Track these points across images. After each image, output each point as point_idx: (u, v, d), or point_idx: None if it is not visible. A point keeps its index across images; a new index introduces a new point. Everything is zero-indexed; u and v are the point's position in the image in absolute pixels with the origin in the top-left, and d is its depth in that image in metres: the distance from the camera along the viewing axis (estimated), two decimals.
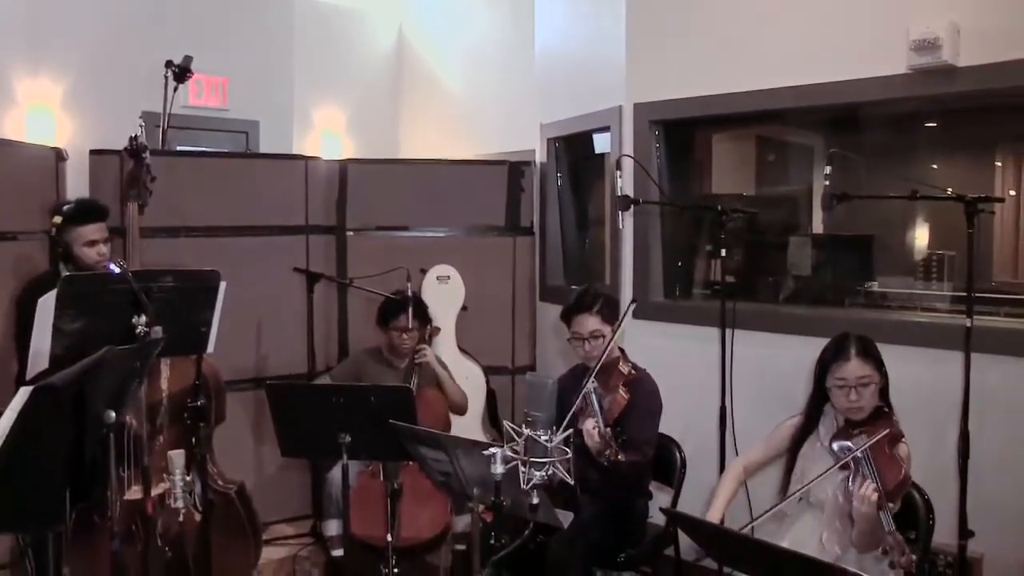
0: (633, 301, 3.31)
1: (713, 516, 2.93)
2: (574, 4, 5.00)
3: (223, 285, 3.14)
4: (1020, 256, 5.94)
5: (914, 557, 2.45)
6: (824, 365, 2.84)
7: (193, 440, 3.27)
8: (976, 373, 3.01)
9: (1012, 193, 6.09)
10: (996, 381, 3.19)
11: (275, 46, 6.27)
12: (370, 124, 7.00)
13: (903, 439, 2.73)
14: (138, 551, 3.20)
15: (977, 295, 3.54)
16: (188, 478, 3.09)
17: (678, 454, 3.53)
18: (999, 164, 6.07)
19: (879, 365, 2.80)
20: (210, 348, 3.19)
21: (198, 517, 3.32)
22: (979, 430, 3.03)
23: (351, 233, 5.02)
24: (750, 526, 2.80)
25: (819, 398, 2.90)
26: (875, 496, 2.47)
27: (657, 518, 3.45)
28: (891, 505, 2.55)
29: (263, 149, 6.06)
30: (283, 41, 6.32)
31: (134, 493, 3.20)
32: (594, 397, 3.04)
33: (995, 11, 3.29)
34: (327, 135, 6.73)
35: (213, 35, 5.82)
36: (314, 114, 6.70)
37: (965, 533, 3.01)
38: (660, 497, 3.62)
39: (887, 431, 2.65)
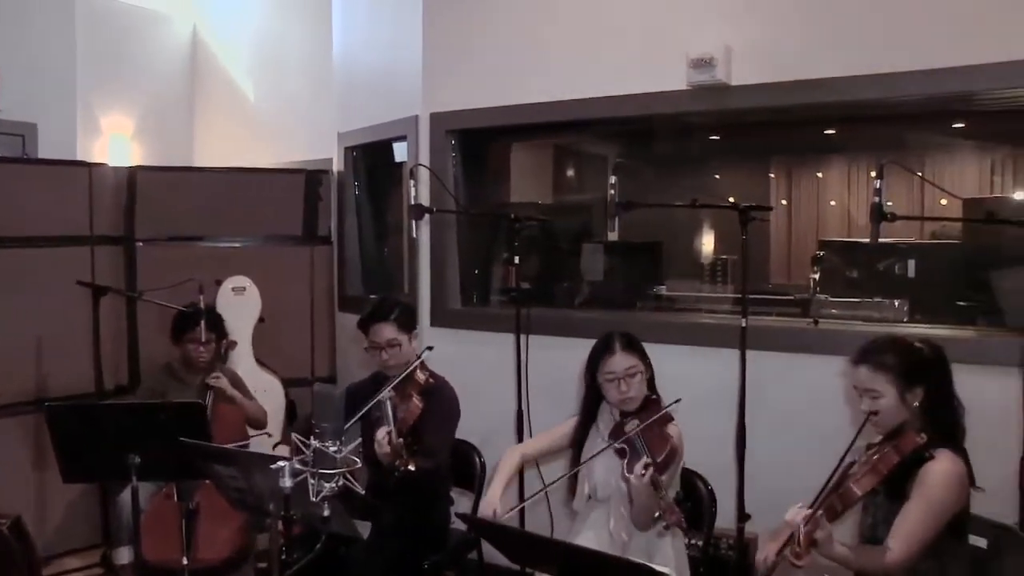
0: None
1: (494, 498, 2.95)
2: (371, 11, 4.99)
3: None
4: (793, 260, 6.45)
5: (682, 517, 2.60)
6: (593, 363, 2.97)
7: None
8: (752, 368, 3.21)
9: (784, 202, 6.62)
10: (769, 375, 3.44)
11: (54, 42, 5.89)
12: (162, 129, 6.69)
13: (673, 421, 2.89)
14: None
15: (754, 296, 3.81)
16: None
17: (478, 459, 3.58)
18: (772, 176, 6.58)
19: (643, 356, 2.95)
20: None
21: None
22: (754, 421, 3.23)
23: (141, 243, 4.81)
24: (521, 507, 2.94)
25: (593, 397, 3.02)
26: (647, 470, 2.60)
27: (460, 523, 3.49)
28: (663, 478, 2.69)
29: (42, 154, 5.68)
30: (63, 37, 5.94)
31: None
32: (388, 406, 3.04)
33: (763, 36, 3.57)
34: (116, 140, 6.38)
35: None
36: (101, 117, 6.33)
37: (743, 517, 3.23)
38: (462, 502, 3.65)
39: (657, 415, 2.80)
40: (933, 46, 3.23)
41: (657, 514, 2.64)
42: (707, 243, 5.86)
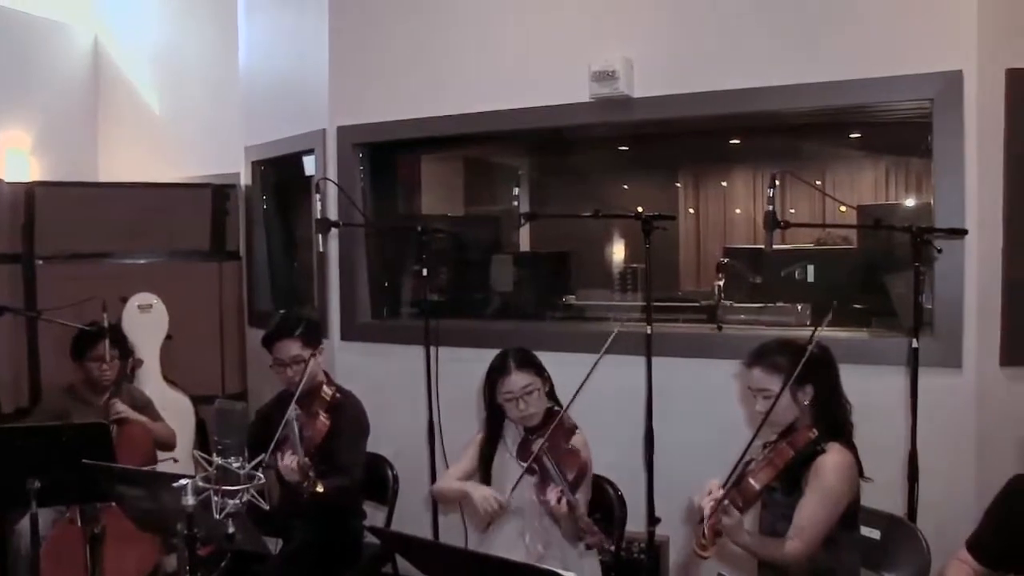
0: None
1: (486, 491, 2.89)
2: (278, 23, 4.96)
3: None
4: (701, 267, 6.62)
5: (604, 538, 2.65)
6: (491, 383, 2.98)
7: None
8: (658, 374, 3.26)
9: (692, 211, 6.80)
10: (675, 380, 3.51)
11: None
12: (64, 143, 6.48)
13: (577, 430, 2.94)
14: None
15: (662, 304, 3.88)
16: None
17: (390, 472, 3.57)
18: (680, 185, 6.75)
19: (540, 371, 2.98)
20: None
21: None
22: (663, 426, 3.28)
23: (41, 262, 4.69)
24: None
25: (495, 415, 3.03)
26: (563, 502, 2.64)
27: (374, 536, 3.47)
28: (579, 496, 2.73)
29: None
30: None
31: None
32: (295, 425, 3.00)
33: (663, 49, 3.67)
34: (12, 155, 6.17)
35: None
36: None
37: (653, 520, 3.27)
38: (375, 515, 3.64)
39: (559, 428, 2.85)
40: (826, 60, 3.37)
41: (578, 536, 2.68)
42: (617, 252, 5.96)
